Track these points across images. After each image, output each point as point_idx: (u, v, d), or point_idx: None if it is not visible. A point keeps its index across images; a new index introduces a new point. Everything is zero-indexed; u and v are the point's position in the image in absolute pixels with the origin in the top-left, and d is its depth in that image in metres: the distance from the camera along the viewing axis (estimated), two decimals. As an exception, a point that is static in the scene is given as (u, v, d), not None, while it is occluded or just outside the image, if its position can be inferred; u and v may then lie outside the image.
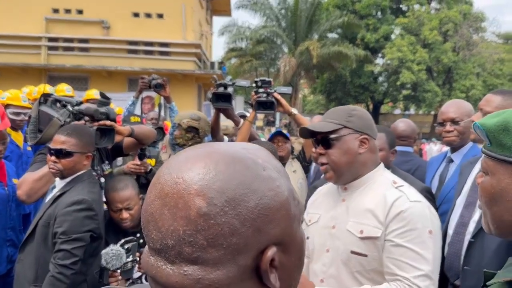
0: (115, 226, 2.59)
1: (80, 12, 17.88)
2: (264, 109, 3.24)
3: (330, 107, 22.65)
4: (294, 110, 3.29)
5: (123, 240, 2.29)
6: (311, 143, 2.04)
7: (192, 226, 0.55)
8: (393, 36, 27.90)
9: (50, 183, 2.59)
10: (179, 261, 0.56)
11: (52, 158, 2.40)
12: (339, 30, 26.54)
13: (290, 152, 3.63)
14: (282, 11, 25.47)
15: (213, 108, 3.69)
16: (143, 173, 3.44)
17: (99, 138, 2.62)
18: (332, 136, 1.75)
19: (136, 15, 17.96)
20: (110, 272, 2.24)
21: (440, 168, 2.93)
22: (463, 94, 25.12)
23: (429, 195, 2.46)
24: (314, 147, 1.85)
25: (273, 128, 11.05)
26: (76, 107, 2.77)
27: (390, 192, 1.70)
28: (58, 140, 2.40)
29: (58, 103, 2.82)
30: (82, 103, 2.93)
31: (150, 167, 3.50)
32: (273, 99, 3.19)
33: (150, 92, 4.23)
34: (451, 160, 2.86)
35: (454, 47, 26.57)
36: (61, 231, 2.23)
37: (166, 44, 18.00)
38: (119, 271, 2.26)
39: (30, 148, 4.02)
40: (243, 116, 3.85)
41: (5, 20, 16.72)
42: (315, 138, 1.83)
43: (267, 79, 3.30)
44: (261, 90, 3.23)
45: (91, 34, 17.67)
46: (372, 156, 1.79)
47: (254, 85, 3.32)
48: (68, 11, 17.87)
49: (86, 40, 17.84)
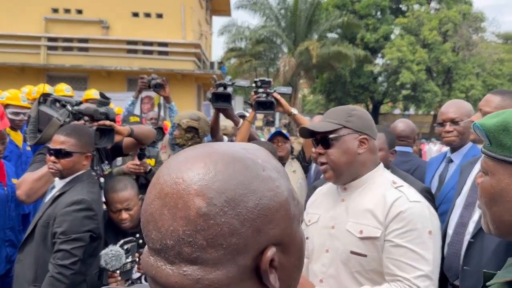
0: (114, 227, 2.58)
1: (79, 12, 17.86)
2: (264, 109, 3.24)
3: (329, 107, 22.63)
4: (294, 110, 3.28)
5: (122, 240, 2.28)
6: (310, 143, 2.04)
7: (191, 226, 0.55)
8: (392, 36, 27.89)
9: (50, 183, 2.58)
10: (179, 261, 0.56)
11: (52, 158, 2.39)
12: (338, 30, 26.52)
13: (290, 152, 3.63)
14: (281, 11, 25.45)
15: (212, 108, 3.68)
16: (143, 173, 3.44)
17: (98, 138, 2.62)
18: (331, 136, 1.75)
19: (136, 15, 17.95)
20: (109, 273, 2.24)
21: (439, 168, 2.93)
22: (463, 94, 25.12)
23: (428, 195, 2.46)
24: (314, 147, 1.85)
25: (272, 128, 11.03)
26: (75, 107, 2.77)
27: (390, 192, 1.70)
28: (57, 140, 2.40)
29: (57, 103, 2.81)
30: (81, 103, 2.93)
31: (150, 167, 3.50)
32: (272, 99, 3.19)
33: (150, 92, 4.23)
34: (451, 160, 2.86)
35: (454, 47, 26.57)
36: (60, 231, 2.23)
37: (166, 44, 17.98)
38: (118, 271, 2.25)
39: (29, 148, 4.01)
40: (243, 116, 3.85)
41: (4, 20, 16.71)
42: (314, 138, 1.83)
43: (266, 79, 3.30)
44: (260, 90, 3.23)
45: (90, 34, 17.65)
46: (371, 156, 1.79)
47: (254, 85, 3.32)
48: (67, 11, 17.85)
49: (85, 40, 17.81)
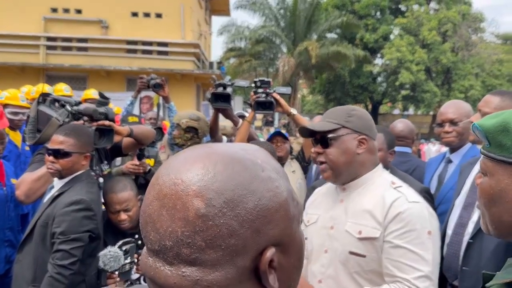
0: (113, 227, 2.58)
1: (78, 11, 17.83)
2: (263, 109, 3.24)
3: (329, 107, 22.67)
4: (293, 110, 3.29)
5: (121, 241, 2.28)
6: (310, 143, 2.04)
7: (190, 227, 0.54)
8: (392, 36, 27.92)
9: (49, 183, 2.58)
10: (178, 262, 0.56)
11: (50, 158, 2.39)
12: (338, 30, 26.51)
13: (289, 153, 3.63)
14: (281, 11, 25.45)
15: (211, 108, 3.68)
16: (142, 173, 3.44)
17: (98, 138, 2.62)
18: (330, 135, 1.75)
19: (135, 15, 17.92)
20: (108, 274, 2.24)
21: (439, 169, 2.93)
22: (462, 95, 25.12)
23: (427, 196, 2.46)
24: (314, 147, 1.85)
25: (271, 128, 11.02)
26: (75, 107, 2.76)
27: (389, 193, 1.69)
28: (56, 140, 2.39)
29: (56, 103, 2.81)
30: (80, 103, 2.93)
31: (149, 167, 3.49)
32: (272, 99, 3.19)
33: (149, 92, 4.22)
34: (450, 161, 2.86)
35: (453, 47, 26.58)
36: (59, 231, 2.23)
37: (165, 44, 17.95)
38: (117, 272, 2.25)
39: (28, 148, 4.00)
40: (242, 116, 3.85)
41: (3, 20, 16.67)
42: (314, 138, 1.83)
43: (266, 79, 3.30)
44: (260, 90, 3.23)
45: (89, 33, 17.62)
46: (370, 156, 1.79)
47: (253, 85, 3.32)
48: (66, 11, 17.82)
49: (84, 40, 17.78)
